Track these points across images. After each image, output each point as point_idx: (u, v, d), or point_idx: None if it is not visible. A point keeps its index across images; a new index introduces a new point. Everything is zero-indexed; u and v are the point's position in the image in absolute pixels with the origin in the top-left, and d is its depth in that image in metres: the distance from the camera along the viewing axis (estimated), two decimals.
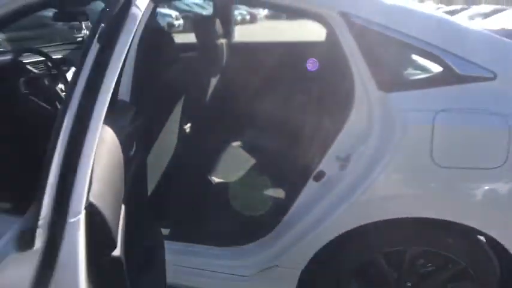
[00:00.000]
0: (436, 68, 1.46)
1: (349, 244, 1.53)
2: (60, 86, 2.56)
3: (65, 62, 2.75)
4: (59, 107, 2.41)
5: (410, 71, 1.57)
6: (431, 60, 1.46)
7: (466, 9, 17.56)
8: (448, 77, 1.41)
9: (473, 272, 1.50)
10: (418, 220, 1.44)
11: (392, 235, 1.52)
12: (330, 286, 1.61)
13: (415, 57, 1.55)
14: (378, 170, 1.41)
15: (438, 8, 22.91)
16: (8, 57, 2.57)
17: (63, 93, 2.56)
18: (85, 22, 3.48)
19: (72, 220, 0.92)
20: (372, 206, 1.47)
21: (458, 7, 22.10)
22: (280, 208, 1.66)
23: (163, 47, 1.85)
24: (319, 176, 1.53)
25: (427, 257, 1.56)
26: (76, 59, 2.59)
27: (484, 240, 1.49)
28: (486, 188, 1.42)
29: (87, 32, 3.40)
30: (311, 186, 1.56)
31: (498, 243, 1.43)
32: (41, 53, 2.55)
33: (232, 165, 2.32)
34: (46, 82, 2.46)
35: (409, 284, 1.57)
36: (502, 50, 1.51)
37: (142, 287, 1.26)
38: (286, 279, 1.62)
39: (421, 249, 1.52)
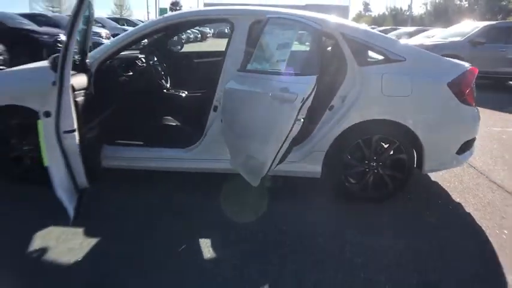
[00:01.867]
0: (379, 57, 3.21)
1: (345, 136, 3.16)
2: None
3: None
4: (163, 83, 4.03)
5: (369, 58, 3.28)
6: (378, 53, 3.21)
7: (395, 29, 20.30)
8: (386, 60, 3.16)
9: (403, 147, 3.21)
10: (377, 120, 3.14)
11: (365, 129, 3.16)
12: (336, 157, 3.22)
13: (371, 52, 3.32)
14: (359, 100, 3.09)
15: (372, 28, 25.74)
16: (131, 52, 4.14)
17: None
18: None
19: None
20: (355, 115, 3.11)
21: (388, 27, 25.26)
22: (312, 125, 3.30)
23: None
24: (331, 107, 3.22)
25: (381, 141, 3.27)
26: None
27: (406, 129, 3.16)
28: (395, 103, 3.12)
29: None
30: (327, 113, 3.23)
31: (412, 130, 3.16)
32: (152, 52, 4.15)
33: None
34: (159, 68, 4.06)
35: (375, 157, 3.25)
36: (409, 48, 3.34)
37: None
38: (317, 158, 3.24)
39: (379, 136, 3.21)
